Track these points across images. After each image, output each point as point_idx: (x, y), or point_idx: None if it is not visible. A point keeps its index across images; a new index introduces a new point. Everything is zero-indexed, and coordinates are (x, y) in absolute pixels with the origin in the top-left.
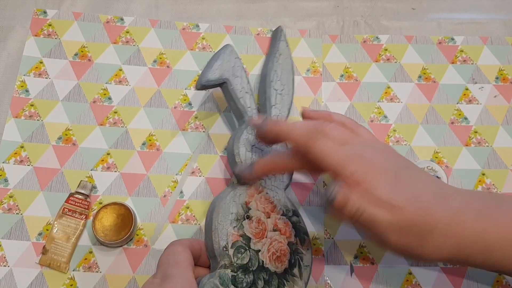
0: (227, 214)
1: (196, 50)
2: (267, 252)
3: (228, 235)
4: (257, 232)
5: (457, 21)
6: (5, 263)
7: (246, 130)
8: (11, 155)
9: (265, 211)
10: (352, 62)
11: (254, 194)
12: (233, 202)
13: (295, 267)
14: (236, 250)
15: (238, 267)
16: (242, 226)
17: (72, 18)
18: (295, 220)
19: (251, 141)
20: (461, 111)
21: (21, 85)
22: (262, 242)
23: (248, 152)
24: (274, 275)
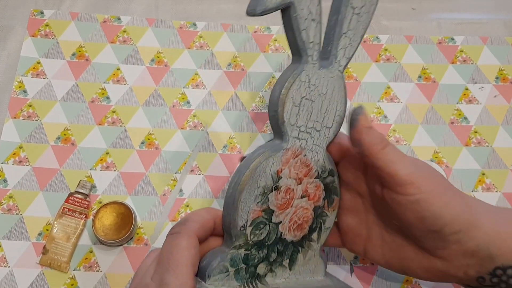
0: (253, 189)
1: (193, 48)
2: (289, 222)
3: (250, 212)
4: (282, 203)
5: (457, 21)
6: (5, 263)
7: (300, 76)
8: (10, 155)
9: (297, 177)
10: (352, 62)
11: (290, 159)
12: (263, 174)
13: (315, 231)
14: (255, 227)
15: (253, 244)
16: (267, 200)
17: (69, 18)
18: (329, 181)
19: (302, 92)
20: (461, 111)
21: (19, 86)
22: (285, 212)
23: (295, 107)
24: (290, 244)
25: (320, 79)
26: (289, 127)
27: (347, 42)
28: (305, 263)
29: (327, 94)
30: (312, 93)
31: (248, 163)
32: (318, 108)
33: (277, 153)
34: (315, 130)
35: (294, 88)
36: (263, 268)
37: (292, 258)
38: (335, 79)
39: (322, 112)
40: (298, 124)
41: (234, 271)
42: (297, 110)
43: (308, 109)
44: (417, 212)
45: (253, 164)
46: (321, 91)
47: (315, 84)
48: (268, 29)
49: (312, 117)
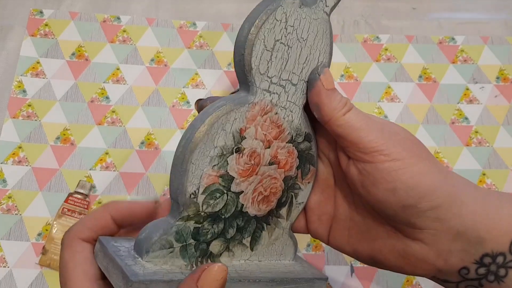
0: (209, 149)
1: (193, 48)
2: (252, 193)
3: (202, 177)
4: (245, 169)
5: (457, 20)
6: (5, 264)
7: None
8: (9, 155)
9: (265, 139)
10: (352, 62)
11: (257, 116)
12: (221, 131)
13: (284, 206)
14: (208, 195)
15: (206, 216)
16: (226, 164)
17: (69, 17)
18: (305, 147)
19: (277, 33)
20: (461, 111)
21: (18, 85)
22: (249, 181)
23: (267, 51)
24: (253, 219)
25: (300, 20)
26: (258, 76)
27: None
28: (270, 243)
29: (307, 40)
30: (289, 36)
31: (204, 117)
32: (295, 56)
33: (241, 107)
34: (290, 83)
35: (267, 27)
36: (218, 246)
37: (255, 236)
38: (319, 23)
39: (301, 62)
40: (269, 73)
41: (180, 247)
42: (269, 55)
43: (283, 56)
44: (387, 183)
45: (210, 118)
46: (301, 35)
47: (293, 26)
48: None
49: (288, 67)
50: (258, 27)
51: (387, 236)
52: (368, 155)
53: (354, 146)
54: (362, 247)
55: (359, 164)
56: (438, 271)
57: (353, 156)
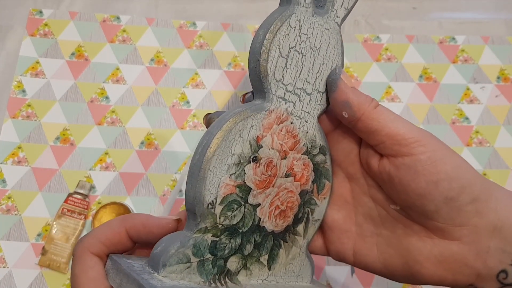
0: (226, 156)
1: (193, 48)
2: (269, 207)
3: (220, 187)
4: (262, 180)
5: (458, 20)
6: (4, 264)
7: (289, 20)
8: (8, 155)
9: (281, 149)
10: (352, 61)
11: (273, 124)
12: (239, 137)
13: (300, 222)
14: (226, 206)
15: (223, 229)
16: (243, 173)
17: (68, 17)
18: (320, 160)
19: (291, 40)
20: (462, 111)
21: (17, 86)
22: (266, 193)
23: (282, 58)
24: (270, 235)
25: (314, 28)
26: (274, 83)
27: None
28: (287, 262)
29: (320, 49)
30: (303, 44)
31: (221, 123)
32: (309, 65)
33: (258, 114)
34: (305, 92)
35: (282, 33)
36: (236, 263)
37: (272, 253)
38: (331, 33)
39: (314, 71)
40: (285, 81)
41: (197, 262)
42: (284, 62)
43: (298, 64)
44: (430, 175)
45: (228, 124)
46: (314, 44)
47: (307, 34)
48: None
49: (302, 75)
50: (273, 32)
51: (422, 243)
52: (407, 147)
53: (392, 139)
54: (395, 261)
55: (397, 160)
56: (477, 277)
57: (389, 151)
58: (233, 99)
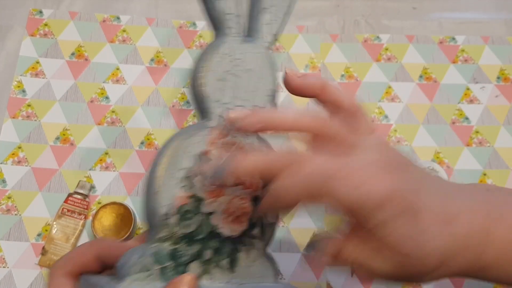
0: (175, 170)
1: (193, 48)
2: (222, 214)
3: (173, 199)
4: (212, 190)
5: (458, 20)
6: (5, 264)
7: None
8: (8, 155)
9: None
10: (352, 61)
11: (216, 140)
12: (185, 154)
13: (256, 226)
14: (181, 216)
15: (181, 237)
16: (193, 185)
17: (68, 17)
18: None
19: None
20: (462, 111)
21: (17, 86)
22: (217, 202)
23: (218, 81)
24: (228, 240)
25: (245, 53)
26: (213, 104)
27: (270, 18)
28: (249, 264)
29: (254, 70)
30: (236, 68)
31: (168, 142)
32: (245, 85)
33: (201, 131)
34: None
35: (215, 60)
36: (197, 268)
37: (232, 257)
38: (262, 56)
39: (250, 89)
40: (223, 100)
41: (159, 269)
42: (221, 84)
43: (234, 85)
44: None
45: (173, 143)
46: (247, 66)
47: (240, 59)
48: None
49: (240, 94)
50: (208, 60)
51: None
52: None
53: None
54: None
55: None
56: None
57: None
58: None
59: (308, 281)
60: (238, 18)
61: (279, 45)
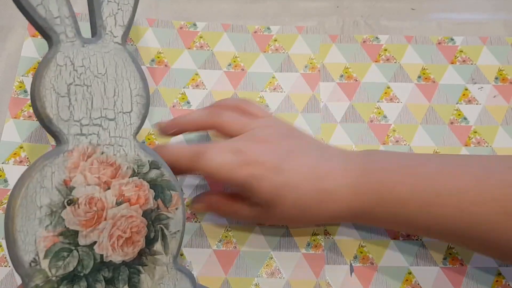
0: (32, 211)
1: (193, 48)
2: (109, 240)
3: (37, 242)
4: (88, 218)
5: (456, 21)
6: (6, 263)
7: (55, 60)
8: (10, 155)
9: (100, 181)
10: (352, 62)
11: (79, 163)
12: (40, 189)
13: (156, 241)
14: (53, 258)
15: (60, 280)
16: (61, 220)
17: None
18: (155, 175)
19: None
20: (460, 111)
21: (19, 86)
22: (98, 229)
23: (62, 97)
24: (122, 266)
25: (89, 57)
26: (62, 124)
27: (114, 8)
28: (156, 283)
29: (107, 73)
30: (82, 76)
31: (19, 181)
32: (100, 92)
33: (56, 159)
34: (106, 119)
35: (51, 75)
36: None
37: (132, 282)
38: (114, 53)
39: (109, 96)
40: (75, 117)
41: None
42: (66, 101)
43: (85, 96)
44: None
45: (23, 180)
46: (97, 71)
47: (84, 65)
48: (268, 29)
49: (95, 105)
50: (41, 77)
51: None
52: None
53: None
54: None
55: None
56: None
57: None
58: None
59: (307, 279)
60: (69, 20)
61: (279, 45)
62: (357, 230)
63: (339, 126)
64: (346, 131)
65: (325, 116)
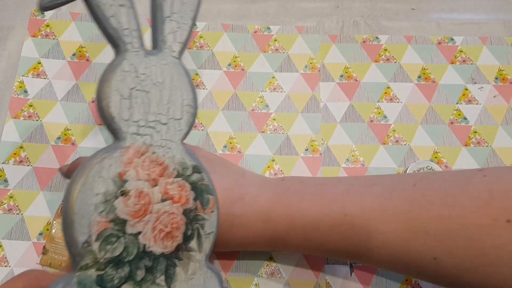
0: (89, 197)
1: (193, 49)
2: (152, 232)
3: (91, 225)
4: (136, 210)
5: (456, 21)
6: (6, 263)
7: (121, 66)
8: (10, 155)
9: (149, 178)
10: (351, 62)
11: (133, 159)
12: (98, 178)
13: (192, 239)
14: (103, 241)
15: (106, 262)
16: (113, 208)
17: (70, 18)
18: (196, 179)
19: (130, 83)
20: (460, 111)
21: (19, 86)
22: (144, 220)
23: (124, 100)
24: (161, 257)
25: (150, 67)
26: (123, 123)
27: (174, 26)
28: (188, 278)
29: (164, 83)
30: (143, 83)
31: (80, 169)
32: (156, 99)
33: (114, 153)
34: (159, 123)
35: (117, 79)
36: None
37: (169, 274)
38: (171, 66)
39: (164, 103)
40: (134, 118)
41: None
42: (127, 103)
43: (144, 101)
44: None
45: (84, 169)
46: (156, 80)
47: (145, 73)
48: (268, 29)
49: (152, 109)
50: (108, 80)
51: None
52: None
53: None
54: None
55: None
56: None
57: None
58: (233, 99)
59: (307, 280)
60: (136, 32)
61: (279, 45)
62: None
63: (339, 126)
64: (346, 131)
65: (325, 116)
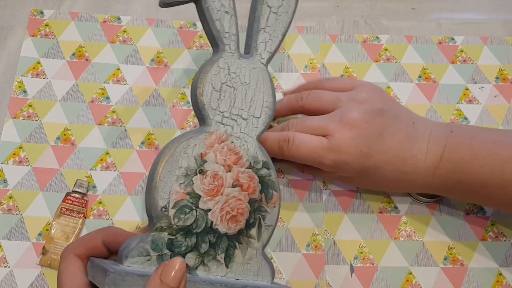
0: (174, 168)
1: (193, 48)
2: (220, 212)
3: (171, 193)
4: (210, 188)
5: (457, 21)
6: (5, 263)
7: (218, 63)
8: (10, 155)
9: (225, 163)
10: (352, 62)
11: (214, 144)
12: (184, 154)
13: (253, 227)
14: (178, 210)
15: (178, 229)
16: (191, 182)
17: (69, 18)
18: (264, 174)
19: (222, 78)
20: (461, 111)
21: (19, 86)
22: (215, 200)
23: (215, 91)
24: (224, 237)
25: (241, 68)
26: (211, 111)
27: (267, 37)
28: (245, 262)
29: (250, 84)
30: (233, 80)
31: (169, 143)
32: (242, 96)
33: (200, 135)
34: (241, 118)
35: (212, 73)
36: (193, 259)
37: (228, 253)
38: (258, 71)
39: (247, 101)
40: (220, 109)
41: (156, 256)
42: (217, 95)
43: (231, 95)
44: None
45: (174, 144)
46: (243, 80)
47: (236, 72)
48: None
49: (236, 104)
50: (205, 73)
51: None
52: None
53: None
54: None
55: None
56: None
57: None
58: None
59: (307, 280)
60: (235, 37)
61: None
62: (357, 230)
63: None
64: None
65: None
